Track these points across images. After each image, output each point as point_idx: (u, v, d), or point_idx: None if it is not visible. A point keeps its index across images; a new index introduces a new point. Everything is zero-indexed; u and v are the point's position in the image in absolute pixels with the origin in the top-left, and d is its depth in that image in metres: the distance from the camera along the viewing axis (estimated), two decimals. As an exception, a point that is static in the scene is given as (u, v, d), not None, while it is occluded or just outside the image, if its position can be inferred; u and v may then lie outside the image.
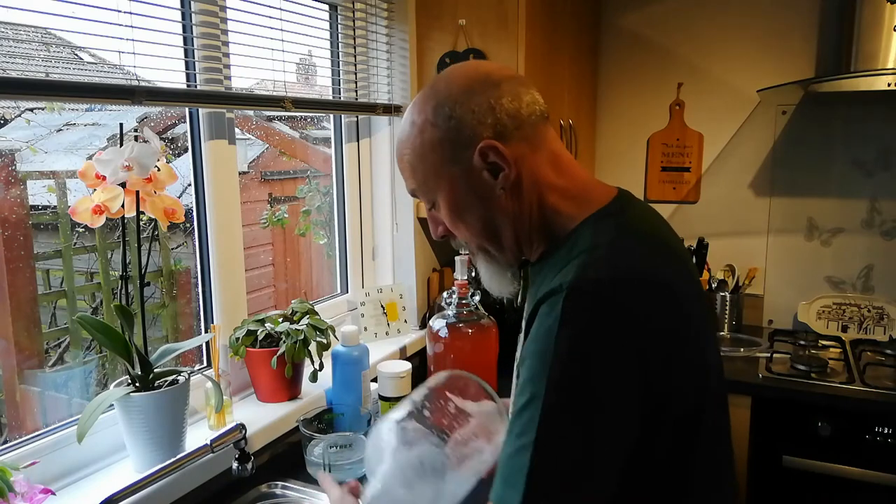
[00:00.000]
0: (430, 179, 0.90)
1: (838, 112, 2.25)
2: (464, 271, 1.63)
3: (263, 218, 2.06)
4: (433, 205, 0.93)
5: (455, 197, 0.89)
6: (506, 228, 0.89)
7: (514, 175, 0.85)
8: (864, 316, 2.26)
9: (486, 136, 0.84)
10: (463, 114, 0.84)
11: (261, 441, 1.35)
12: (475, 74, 0.87)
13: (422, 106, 0.88)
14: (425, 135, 0.87)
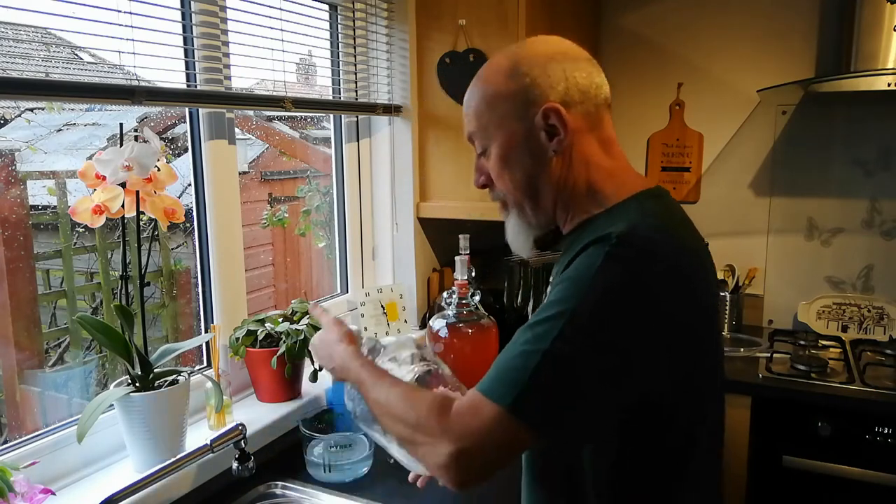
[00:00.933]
0: (491, 127, 0.94)
1: (838, 112, 2.25)
2: (464, 271, 1.63)
3: (264, 218, 2.06)
4: (485, 152, 0.97)
5: (508, 149, 0.93)
6: (547, 191, 0.94)
7: (567, 142, 0.90)
8: (864, 316, 2.25)
9: (552, 100, 0.89)
10: (538, 75, 0.90)
11: (261, 441, 1.35)
12: (559, 46, 0.94)
13: (502, 59, 0.94)
14: (499, 86, 0.93)
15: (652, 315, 0.80)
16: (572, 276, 0.82)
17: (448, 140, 1.90)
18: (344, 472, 1.33)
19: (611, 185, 0.93)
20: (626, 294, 0.79)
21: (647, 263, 0.81)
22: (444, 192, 1.93)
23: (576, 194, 0.94)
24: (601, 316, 0.79)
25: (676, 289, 0.82)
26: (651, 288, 0.80)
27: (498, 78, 0.93)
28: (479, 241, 1.98)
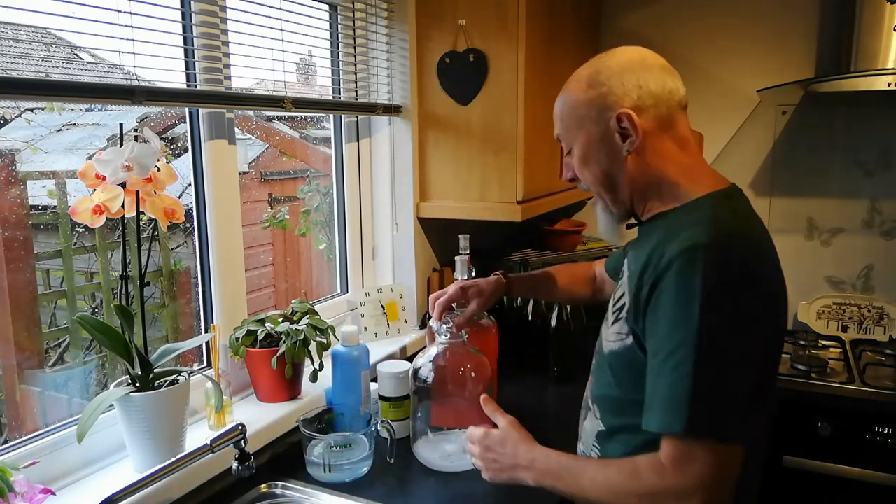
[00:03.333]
0: (573, 129, 1.09)
1: (838, 112, 2.25)
2: (464, 271, 1.63)
3: (265, 220, 2.06)
4: (569, 151, 1.12)
5: (587, 149, 1.08)
6: (623, 185, 1.07)
7: (638, 142, 1.02)
8: (864, 316, 2.26)
9: (625, 106, 1.02)
10: (614, 84, 1.03)
11: (261, 441, 1.35)
12: (636, 56, 1.06)
13: (585, 69, 1.09)
14: (579, 93, 1.07)
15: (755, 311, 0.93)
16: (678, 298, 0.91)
17: (448, 140, 1.90)
18: (344, 472, 1.33)
19: (686, 181, 1.04)
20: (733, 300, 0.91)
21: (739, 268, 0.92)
22: (444, 192, 1.93)
23: (651, 188, 1.06)
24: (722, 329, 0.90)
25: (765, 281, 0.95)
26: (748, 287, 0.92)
27: (579, 86, 1.08)
28: (479, 241, 1.98)
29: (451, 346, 1.41)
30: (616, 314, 1.07)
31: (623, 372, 1.04)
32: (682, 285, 0.91)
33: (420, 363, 1.41)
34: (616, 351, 1.05)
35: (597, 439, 1.12)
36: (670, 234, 0.98)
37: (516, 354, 1.95)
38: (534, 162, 1.90)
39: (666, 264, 0.93)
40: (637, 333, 1.00)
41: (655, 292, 0.95)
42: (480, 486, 1.34)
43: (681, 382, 0.89)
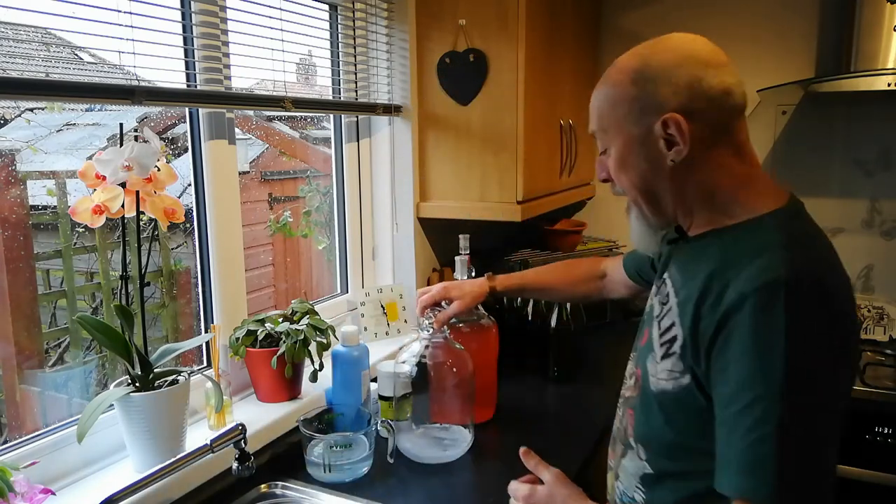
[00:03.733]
0: (611, 129, 0.95)
1: (838, 112, 2.25)
2: (464, 271, 1.63)
3: (269, 224, 2.06)
4: (605, 150, 0.98)
5: (626, 152, 0.94)
6: (666, 196, 0.94)
7: (686, 152, 0.89)
8: (864, 316, 2.25)
9: (673, 109, 0.87)
10: (662, 82, 0.88)
11: (261, 441, 1.35)
12: (689, 50, 0.90)
13: (630, 60, 0.93)
14: (621, 89, 0.92)
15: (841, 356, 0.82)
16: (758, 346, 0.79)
17: (448, 140, 1.90)
18: (344, 472, 1.33)
19: (742, 196, 0.91)
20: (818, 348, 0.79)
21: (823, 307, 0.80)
22: (444, 192, 1.93)
23: (700, 202, 0.93)
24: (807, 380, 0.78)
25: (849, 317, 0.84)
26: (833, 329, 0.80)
27: (623, 80, 0.92)
28: (479, 241, 1.98)
29: (433, 341, 1.44)
30: (666, 348, 0.93)
31: (679, 414, 0.91)
32: (762, 329, 0.79)
33: (403, 358, 1.44)
34: (669, 391, 0.91)
35: (642, 482, 0.99)
36: (732, 259, 0.86)
37: (516, 354, 1.95)
38: (534, 162, 1.90)
39: (737, 300, 0.81)
40: (698, 375, 0.87)
41: (724, 332, 0.82)
42: (481, 486, 1.34)
43: (763, 443, 0.77)
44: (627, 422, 1.03)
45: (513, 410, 1.68)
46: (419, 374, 1.43)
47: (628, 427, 1.03)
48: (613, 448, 1.10)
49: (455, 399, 1.45)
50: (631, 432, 1.01)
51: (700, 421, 0.88)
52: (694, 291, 0.89)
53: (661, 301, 1.00)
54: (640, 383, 1.00)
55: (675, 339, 0.92)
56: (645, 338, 1.03)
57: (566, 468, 1.37)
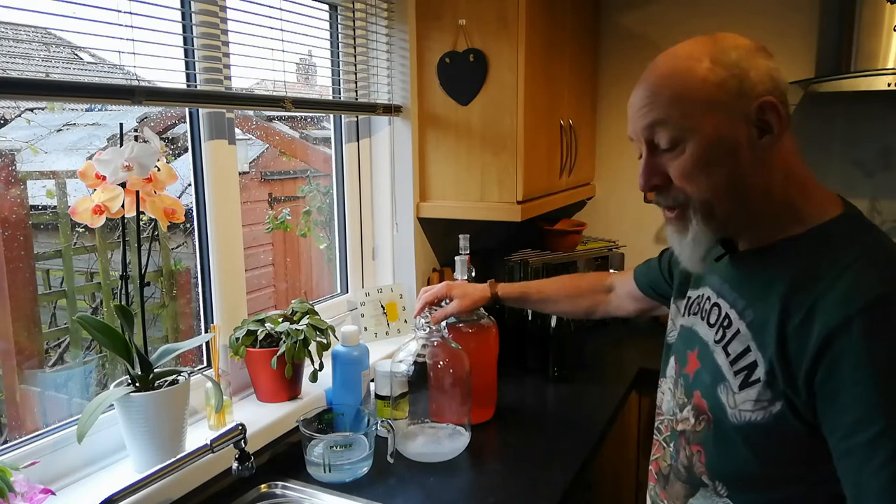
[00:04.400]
0: (695, 115, 0.83)
1: (838, 112, 2.25)
2: (464, 271, 1.63)
3: (267, 222, 2.06)
4: (674, 145, 0.85)
5: (714, 143, 0.83)
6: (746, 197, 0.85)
7: (776, 142, 0.83)
8: (864, 316, 2.25)
9: (762, 94, 0.82)
10: (748, 66, 0.82)
11: (261, 441, 1.35)
12: (753, 43, 0.85)
13: (702, 46, 0.84)
14: (704, 72, 0.83)
15: None
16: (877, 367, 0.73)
17: (448, 140, 1.90)
18: (344, 472, 1.33)
19: (807, 200, 0.86)
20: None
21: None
22: (444, 192, 1.93)
23: (771, 206, 0.86)
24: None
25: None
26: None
27: (702, 63, 0.83)
28: (479, 241, 1.98)
29: (430, 340, 1.45)
30: (744, 376, 0.85)
31: (770, 445, 0.84)
32: (881, 352, 0.73)
33: (400, 357, 1.45)
34: (758, 422, 0.83)
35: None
36: (812, 275, 0.80)
37: (516, 354, 1.95)
38: (534, 162, 1.90)
39: (841, 321, 0.75)
40: (794, 402, 0.80)
41: (829, 356, 0.76)
42: (481, 486, 1.34)
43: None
44: (695, 458, 0.94)
45: (513, 410, 1.69)
46: (416, 374, 1.43)
47: (696, 464, 0.94)
48: (666, 486, 1.02)
49: (452, 398, 1.45)
50: (703, 469, 0.93)
51: (798, 448, 0.82)
52: (771, 312, 0.83)
53: (715, 323, 0.93)
54: (709, 417, 0.91)
55: (754, 365, 0.85)
56: (693, 365, 0.96)
57: (566, 468, 1.38)
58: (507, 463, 1.43)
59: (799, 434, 0.81)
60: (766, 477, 0.86)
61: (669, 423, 1.02)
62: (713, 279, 0.97)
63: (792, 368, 0.80)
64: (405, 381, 1.46)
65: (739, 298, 0.89)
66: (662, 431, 1.04)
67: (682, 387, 0.99)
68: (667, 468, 1.02)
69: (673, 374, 1.03)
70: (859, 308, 0.75)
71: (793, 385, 0.80)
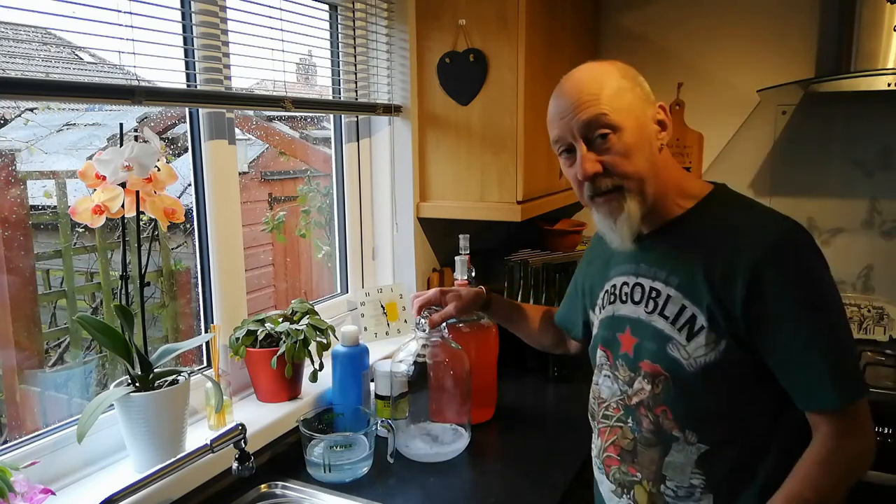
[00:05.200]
0: (624, 110, 1.02)
1: (838, 112, 2.25)
2: (464, 271, 1.63)
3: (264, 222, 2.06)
4: (610, 132, 1.02)
5: (641, 130, 1.03)
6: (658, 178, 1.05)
7: (667, 139, 1.06)
8: (864, 316, 2.25)
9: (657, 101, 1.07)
10: (643, 81, 1.07)
11: (261, 441, 1.35)
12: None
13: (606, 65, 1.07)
14: (622, 80, 1.04)
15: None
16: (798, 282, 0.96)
17: (448, 140, 1.90)
18: (344, 472, 1.33)
19: (687, 181, 1.09)
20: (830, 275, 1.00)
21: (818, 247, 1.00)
22: (444, 192, 1.93)
23: (668, 188, 1.06)
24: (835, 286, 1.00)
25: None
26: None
27: (616, 74, 1.05)
28: (479, 241, 1.98)
29: (430, 340, 1.45)
30: (688, 330, 1.02)
31: (727, 377, 1.01)
32: (796, 274, 0.96)
33: (400, 357, 1.45)
34: (712, 362, 1.00)
35: (698, 465, 1.04)
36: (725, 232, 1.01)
37: (516, 354, 1.95)
38: (533, 162, 1.90)
39: (761, 259, 0.96)
40: (737, 335, 0.99)
41: (758, 289, 0.96)
42: (481, 486, 1.34)
43: (835, 356, 0.95)
44: (661, 418, 1.06)
45: (513, 410, 1.69)
46: (416, 374, 1.43)
47: (664, 422, 1.06)
48: (635, 459, 1.11)
49: (452, 398, 1.45)
50: (672, 424, 1.05)
51: (745, 374, 1.00)
52: (694, 270, 1.01)
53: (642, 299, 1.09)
54: (666, 377, 1.04)
55: (693, 318, 1.01)
56: (628, 343, 1.10)
57: (566, 468, 1.38)
58: (507, 463, 1.43)
59: (743, 361, 0.99)
60: (728, 413, 1.02)
61: (619, 403, 1.13)
62: (623, 268, 1.14)
63: (727, 307, 0.98)
64: (405, 381, 1.46)
65: (660, 271, 1.06)
66: (611, 416, 1.15)
67: (625, 366, 1.11)
68: (630, 443, 1.11)
69: (607, 363, 1.16)
70: (774, 243, 0.96)
71: (732, 320, 0.98)
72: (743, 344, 0.99)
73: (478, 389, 1.54)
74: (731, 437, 1.03)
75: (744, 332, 0.98)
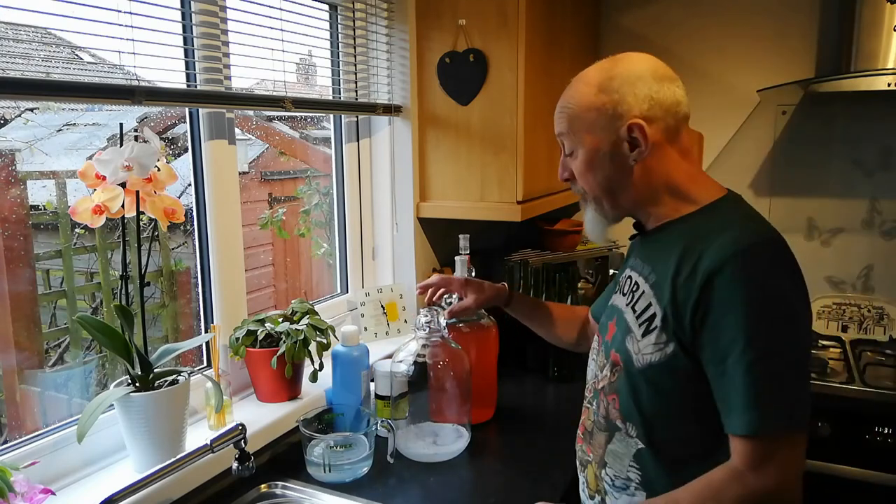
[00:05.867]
0: (581, 132, 1.06)
1: (838, 112, 2.25)
2: (464, 271, 1.63)
3: (262, 219, 2.06)
4: (572, 153, 1.10)
5: (594, 154, 1.06)
6: (626, 193, 1.07)
7: (646, 153, 1.03)
8: (864, 316, 2.26)
9: (636, 116, 1.01)
10: (626, 92, 1.02)
11: (261, 441, 1.35)
12: (648, 66, 1.04)
13: (596, 73, 1.06)
14: (590, 97, 1.05)
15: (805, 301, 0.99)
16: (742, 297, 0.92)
17: (448, 140, 1.90)
18: (344, 472, 1.33)
19: (695, 188, 1.06)
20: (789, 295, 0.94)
21: (791, 264, 0.96)
22: (444, 192, 1.93)
23: (658, 196, 1.07)
24: (795, 317, 0.94)
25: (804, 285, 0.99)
26: (795, 279, 0.97)
27: (590, 89, 1.05)
28: (479, 241, 1.98)
29: (431, 340, 1.45)
30: (646, 326, 1.04)
31: (666, 381, 1.02)
32: (743, 288, 0.92)
33: (400, 357, 1.45)
34: (656, 362, 1.01)
35: (635, 460, 1.06)
36: (699, 238, 0.99)
37: (516, 354, 1.95)
38: (533, 162, 1.90)
39: (715, 268, 0.93)
40: (683, 342, 0.98)
41: (707, 298, 0.94)
42: (481, 486, 1.34)
43: (761, 382, 0.90)
44: (611, 406, 1.10)
45: (513, 410, 1.69)
46: (416, 373, 1.43)
47: (611, 410, 1.10)
48: (591, 441, 1.17)
49: (452, 398, 1.45)
50: (617, 414, 1.08)
51: (686, 383, 1.00)
52: (667, 271, 1.01)
53: (627, 291, 1.12)
54: (620, 367, 1.08)
55: (653, 316, 1.02)
56: (611, 331, 1.14)
57: (566, 468, 1.38)
58: (507, 463, 1.43)
59: (687, 370, 0.99)
60: (665, 414, 1.03)
61: (592, 386, 1.18)
62: (630, 260, 1.17)
63: (680, 312, 0.98)
64: (405, 381, 1.46)
65: (646, 266, 1.09)
66: (587, 396, 1.21)
67: (603, 352, 1.15)
68: (590, 424, 1.17)
69: (596, 346, 1.20)
70: (731, 253, 0.93)
71: (681, 325, 0.98)
72: (688, 352, 0.98)
73: (478, 389, 1.54)
74: (668, 442, 1.03)
75: (689, 341, 0.97)
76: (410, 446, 1.43)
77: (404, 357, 1.45)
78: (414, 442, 1.44)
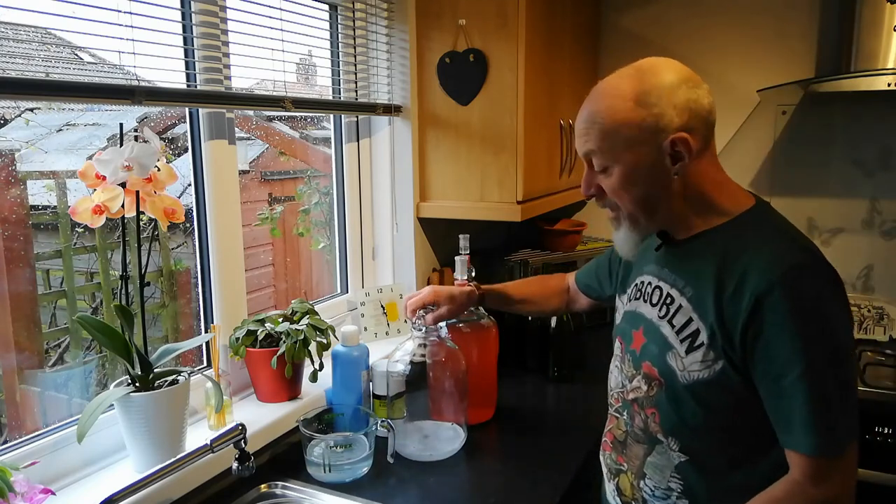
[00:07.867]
0: (617, 149, 1.01)
1: (838, 112, 2.25)
2: (464, 271, 1.63)
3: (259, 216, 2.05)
4: (604, 170, 1.04)
5: (634, 171, 1.01)
6: (665, 206, 1.04)
7: (689, 165, 1.00)
8: (864, 316, 2.25)
9: (677, 128, 0.98)
10: (666, 105, 0.98)
11: (261, 441, 1.35)
12: (683, 75, 1.00)
13: (631, 85, 1.00)
14: (627, 112, 0.99)
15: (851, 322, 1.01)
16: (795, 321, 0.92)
17: (448, 140, 1.90)
18: (344, 472, 1.33)
19: (725, 198, 1.05)
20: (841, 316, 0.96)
21: (838, 284, 0.97)
22: (444, 192, 1.93)
23: (692, 207, 1.04)
24: (843, 331, 0.96)
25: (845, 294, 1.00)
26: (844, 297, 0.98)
27: (626, 104, 0.99)
28: (479, 241, 1.98)
29: (428, 340, 1.45)
30: (689, 342, 1.02)
31: (714, 398, 1.01)
32: (794, 310, 0.92)
33: (397, 357, 1.46)
34: (704, 379, 1.00)
35: (678, 471, 1.07)
36: (737, 253, 0.98)
37: (516, 354, 1.95)
38: (533, 162, 1.90)
39: (764, 290, 0.93)
40: (733, 359, 0.97)
41: (758, 319, 0.93)
42: (481, 486, 1.34)
43: (821, 404, 0.91)
44: (650, 419, 1.08)
45: (513, 410, 1.69)
46: (413, 373, 1.44)
47: (651, 424, 1.08)
48: (624, 451, 1.15)
49: (449, 397, 1.46)
50: (657, 428, 1.07)
51: (734, 398, 0.99)
52: (707, 286, 1.00)
53: (658, 302, 1.09)
54: (660, 382, 1.06)
55: (697, 332, 1.01)
56: (639, 341, 1.11)
57: (566, 468, 1.38)
58: (506, 463, 1.43)
59: (736, 385, 0.98)
60: (711, 428, 1.03)
61: (619, 395, 1.16)
62: (651, 268, 1.14)
63: (728, 329, 0.97)
64: (402, 381, 1.46)
65: (679, 279, 1.06)
66: (614, 405, 1.19)
67: (630, 362, 1.13)
68: (622, 434, 1.15)
69: (619, 353, 1.18)
70: (779, 275, 0.93)
71: (731, 343, 0.97)
72: (738, 370, 0.98)
73: (478, 389, 1.54)
74: (714, 453, 1.04)
75: (740, 358, 0.97)
76: (407, 446, 1.43)
77: (401, 357, 1.45)
78: (410, 441, 1.44)
